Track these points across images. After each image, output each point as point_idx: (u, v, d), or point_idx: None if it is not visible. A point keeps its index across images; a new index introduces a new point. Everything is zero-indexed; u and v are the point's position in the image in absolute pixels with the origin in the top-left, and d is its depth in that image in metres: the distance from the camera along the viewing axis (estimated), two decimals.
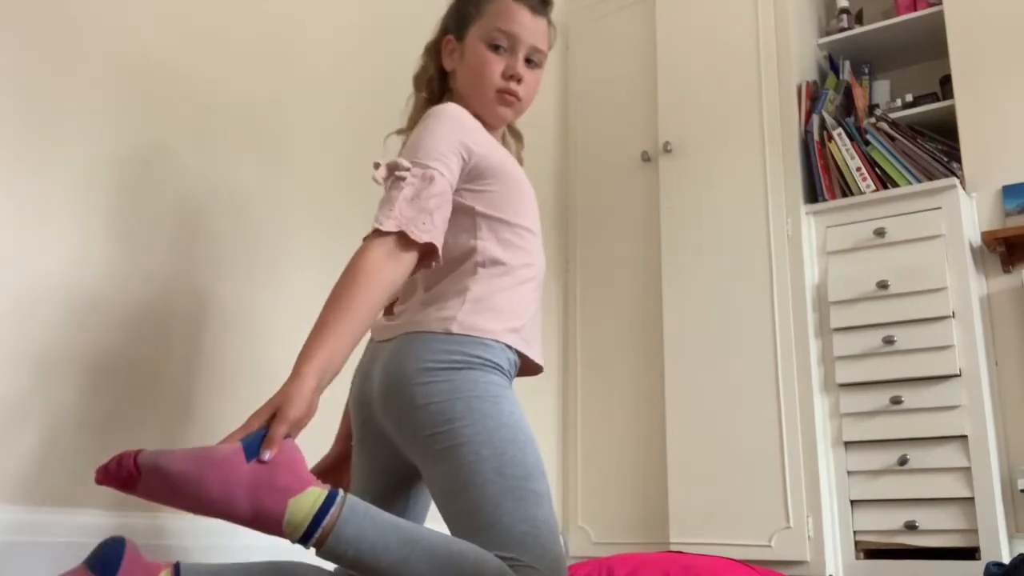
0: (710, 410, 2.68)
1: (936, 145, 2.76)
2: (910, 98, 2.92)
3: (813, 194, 2.78)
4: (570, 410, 3.03)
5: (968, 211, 2.58)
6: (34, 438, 1.50)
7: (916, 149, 2.68)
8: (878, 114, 2.83)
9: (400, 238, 1.20)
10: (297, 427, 1.08)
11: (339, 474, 1.44)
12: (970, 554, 2.26)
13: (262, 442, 1.06)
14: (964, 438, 2.35)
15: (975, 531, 2.27)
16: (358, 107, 2.34)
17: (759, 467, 2.55)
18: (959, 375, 2.39)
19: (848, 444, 2.50)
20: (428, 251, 1.23)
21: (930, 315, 2.44)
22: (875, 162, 2.71)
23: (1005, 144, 2.62)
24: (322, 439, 1.45)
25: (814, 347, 2.59)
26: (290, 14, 2.20)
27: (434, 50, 1.49)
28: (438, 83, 1.48)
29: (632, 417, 2.89)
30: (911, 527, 2.35)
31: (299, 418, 1.08)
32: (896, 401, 2.44)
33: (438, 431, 1.20)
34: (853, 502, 2.45)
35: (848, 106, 2.98)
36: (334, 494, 1.07)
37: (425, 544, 1.10)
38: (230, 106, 1.99)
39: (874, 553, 2.41)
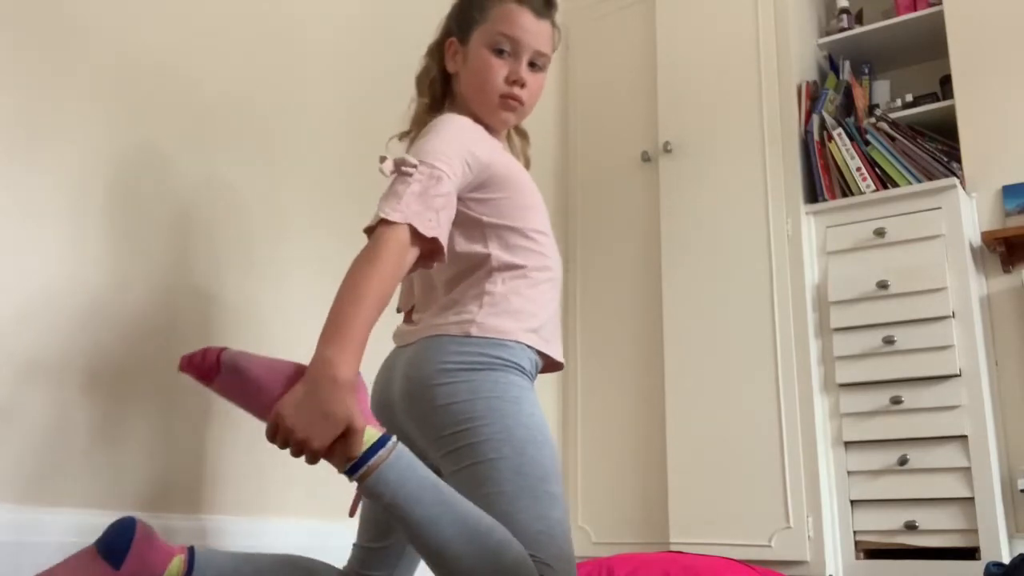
0: (710, 410, 2.68)
1: (936, 145, 2.76)
2: (910, 98, 2.92)
3: (813, 194, 2.78)
4: (570, 410, 3.02)
5: (968, 211, 2.58)
6: (31, 438, 1.50)
7: (916, 149, 2.68)
8: (878, 114, 2.83)
9: (407, 231, 1.18)
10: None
11: None
12: (970, 554, 2.26)
13: None
14: (964, 438, 2.35)
15: (975, 531, 2.27)
16: (358, 107, 2.34)
17: (759, 467, 2.55)
18: (959, 375, 2.39)
19: (848, 444, 2.50)
20: (432, 248, 1.22)
21: (930, 315, 2.44)
22: (875, 162, 2.71)
23: (1005, 144, 2.62)
24: None
25: (814, 347, 2.59)
26: (290, 14, 2.20)
27: (437, 52, 1.48)
28: (440, 85, 1.48)
29: (632, 417, 2.89)
30: (911, 527, 2.35)
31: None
32: (896, 401, 2.44)
33: (458, 430, 1.22)
34: (853, 502, 2.45)
35: (848, 106, 2.98)
36: (387, 437, 1.12)
37: (459, 510, 1.13)
38: (229, 106, 1.98)
39: (874, 553, 2.41)
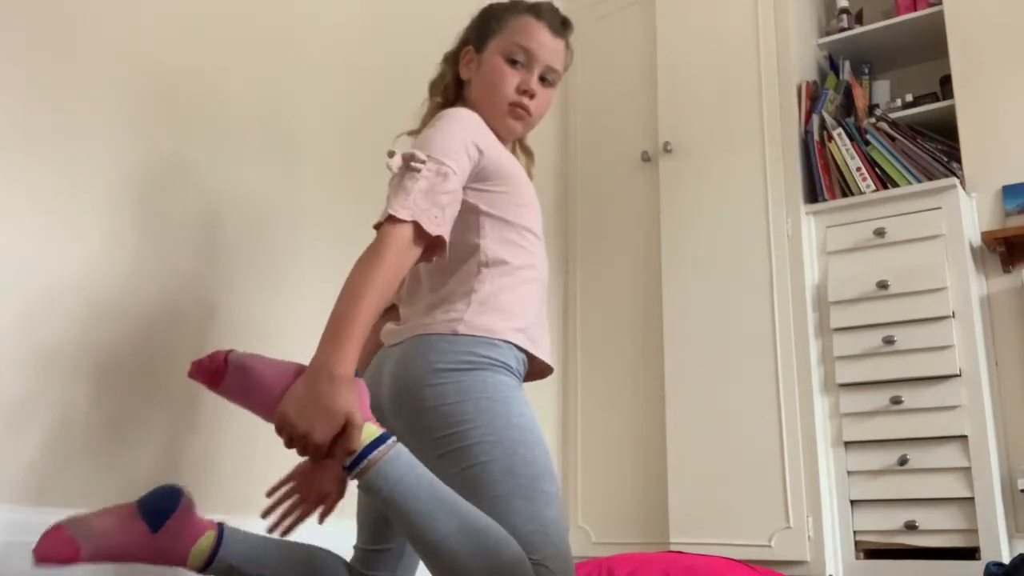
0: (710, 410, 2.68)
1: (936, 145, 2.76)
2: (910, 98, 2.92)
3: (813, 194, 2.78)
4: (570, 410, 3.03)
5: (968, 211, 2.58)
6: (41, 438, 1.52)
7: (916, 149, 2.68)
8: (878, 114, 2.83)
9: (413, 228, 1.21)
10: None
11: None
12: (970, 554, 2.26)
13: None
14: (964, 438, 2.35)
15: (975, 531, 2.27)
16: (371, 115, 2.37)
17: (759, 467, 2.55)
18: (959, 375, 2.39)
19: (848, 444, 2.50)
20: (435, 244, 1.25)
21: (930, 315, 2.44)
22: (875, 162, 2.71)
23: (1005, 144, 2.62)
24: None
25: (814, 347, 2.59)
26: (304, 23, 2.25)
27: (453, 59, 1.53)
28: (453, 91, 1.51)
29: (632, 417, 2.89)
30: (911, 527, 2.35)
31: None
32: (896, 401, 2.44)
33: (449, 432, 1.22)
34: (853, 502, 2.45)
35: (848, 106, 2.98)
36: (387, 435, 1.15)
37: (456, 507, 1.14)
38: (248, 116, 2.05)
39: (874, 553, 2.41)
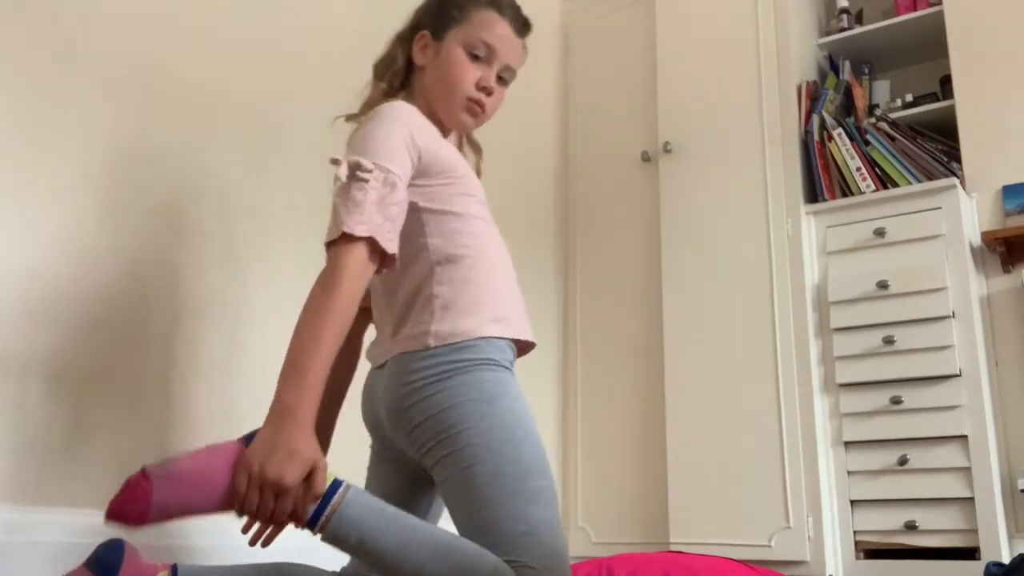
0: (710, 410, 2.68)
1: (936, 145, 2.76)
2: (910, 98, 2.92)
3: (813, 194, 2.78)
4: (570, 410, 3.02)
5: (968, 211, 2.58)
6: (29, 437, 1.50)
7: (916, 149, 2.67)
8: (878, 114, 2.82)
9: (368, 245, 1.19)
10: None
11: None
12: (970, 554, 2.26)
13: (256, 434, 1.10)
14: (964, 438, 2.35)
15: (975, 531, 2.27)
16: (351, 105, 2.33)
17: (759, 467, 2.55)
18: (959, 375, 2.39)
19: (848, 444, 2.49)
20: (387, 260, 1.23)
21: (930, 315, 2.44)
22: (875, 162, 2.71)
23: (1005, 144, 2.62)
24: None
25: (814, 347, 2.59)
26: (288, 11, 2.20)
27: (406, 42, 1.47)
28: (403, 75, 1.47)
29: (632, 417, 2.89)
30: (911, 527, 2.35)
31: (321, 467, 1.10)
32: (896, 401, 2.44)
33: (436, 442, 1.23)
34: (853, 502, 2.45)
35: (848, 106, 2.97)
36: (339, 481, 1.12)
37: (425, 533, 1.14)
38: (216, 102, 1.99)
39: (874, 553, 2.41)
